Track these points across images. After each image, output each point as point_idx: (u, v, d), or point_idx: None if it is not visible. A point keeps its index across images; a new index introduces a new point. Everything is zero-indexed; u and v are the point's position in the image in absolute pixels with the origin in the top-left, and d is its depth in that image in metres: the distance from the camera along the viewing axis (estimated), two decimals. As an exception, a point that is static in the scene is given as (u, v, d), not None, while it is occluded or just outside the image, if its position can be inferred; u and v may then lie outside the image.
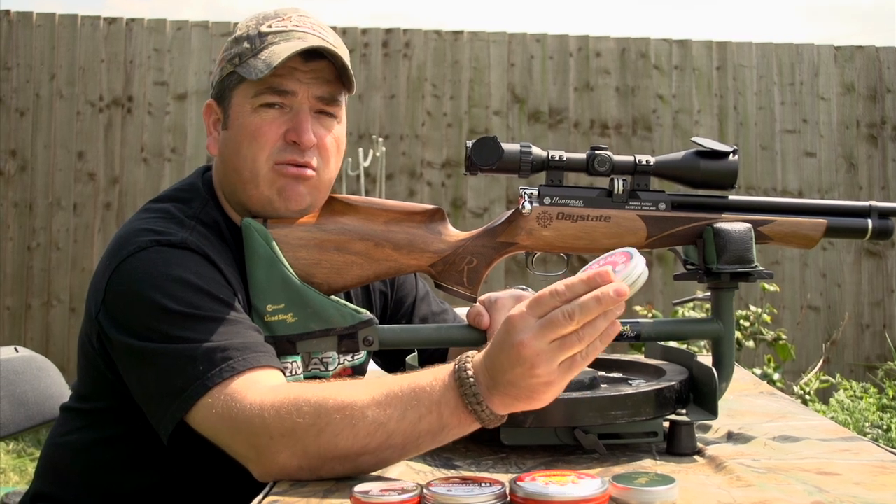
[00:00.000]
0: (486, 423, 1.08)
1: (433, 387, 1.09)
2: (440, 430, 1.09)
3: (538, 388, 1.04)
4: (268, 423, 1.13)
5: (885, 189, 5.59)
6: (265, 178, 1.38)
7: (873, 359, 5.38)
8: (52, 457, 1.50)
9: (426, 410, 1.08)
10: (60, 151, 5.34)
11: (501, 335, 1.06)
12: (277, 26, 1.39)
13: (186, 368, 1.20)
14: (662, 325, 1.42)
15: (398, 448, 1.10)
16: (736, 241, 1.35)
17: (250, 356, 1.21)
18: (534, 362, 1.02)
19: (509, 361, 1.04)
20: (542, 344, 1.02)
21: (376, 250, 1.38)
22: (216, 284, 1.30)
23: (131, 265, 1.29)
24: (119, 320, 1.29)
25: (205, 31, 5.45)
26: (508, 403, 1.07)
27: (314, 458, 1.11)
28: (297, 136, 1.37)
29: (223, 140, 1.43)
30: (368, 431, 1.09)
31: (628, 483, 0.96)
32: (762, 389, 1.72)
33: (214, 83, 1.44)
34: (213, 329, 1.23)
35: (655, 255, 5.38)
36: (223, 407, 1.17)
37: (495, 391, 1.06)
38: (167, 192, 1.47)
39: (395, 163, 5.38)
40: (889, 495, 1.02)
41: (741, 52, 5.64)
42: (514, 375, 1.04)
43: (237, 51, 1.39)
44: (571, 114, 5.53)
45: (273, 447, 1.13)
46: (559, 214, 1.38)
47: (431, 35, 5.53)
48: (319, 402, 1.12)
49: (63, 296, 5.24)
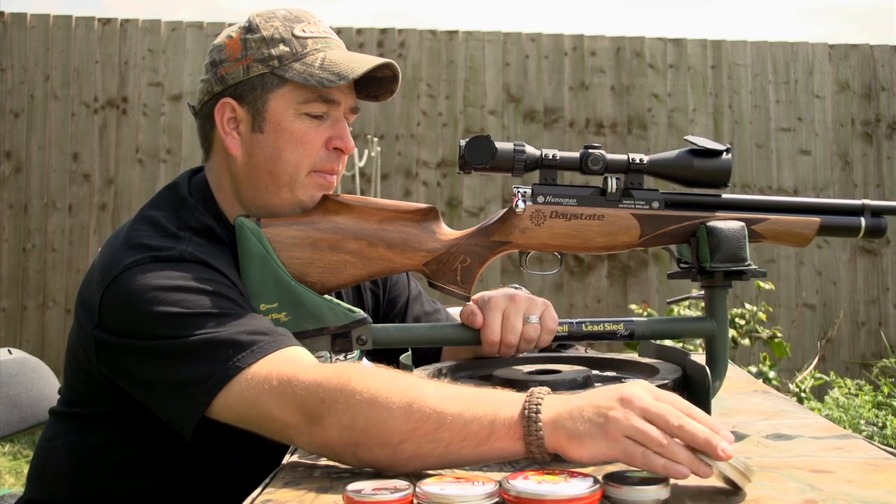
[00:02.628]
0: (531, 448, 1.04)
1: (499, 396, 1.09)
2: (487, 437, 1.05)
3: (593, 428, 1.01)
4: (324, 385, 1.11)
5: (880, 187, 5.60)
6: (303, 183, 1.39)
7: (868, 356, 5.39)
8: (44, 461, 1.48)
9: (482, 413, 1.06)
10: (55, 153, 5.34)
11: (615, 387, 1.05)
12: (310, 31, 1.40)
13: (212, 354, 1.17)
14: (656, 323, 1.42)
15: (442, 443, 1.06)
16: (729, 240, 1.35)
17: (279, 338, 1.20)
18: (615, 414, 1.00)
19: (600, 397, 1.03)
20: (640, 406, 1.00)
21: (370, 249, 1.38)
22: (223, 286, 1.27)
23: (127, 281, 1.25)
24: (120, 331, 1.25)
25: (199, 31, 5.44)
26: (561, 440, 1.03)
27: (359, 431, 1.08)
28: (344, 145, 1.41)
29: (254, 142, 1.39)
30: (423, 415, 1.07)
31: (620, 482, 0.96)
32: (756, 388, 1.73)
33: (230, 81, 1.39)
34: (230, 321, 1.21)
35: (651, 253, 5.38)
36: (264, 381, 1.14)
37: (557, 424, 1.03)
38: (153, 201, 1.44)
39: (390, 163, 5.38)
40: (881, 493, 1.02)
41: (736, 50, 5.65)
42: (588, 406, 1.02)
43: (274, 52, 1.37)
44: (567, 113, 5.53)
45: (322, 410, 1.10)
46: (553, 213, 1.38)
47: (426, 35, 5.53)
48: (385, 376, 1.11)
49: (59, 297, 5.23)
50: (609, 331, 1.38)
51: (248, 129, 1.40)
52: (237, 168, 1.42)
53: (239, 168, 1.42)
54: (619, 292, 5.42)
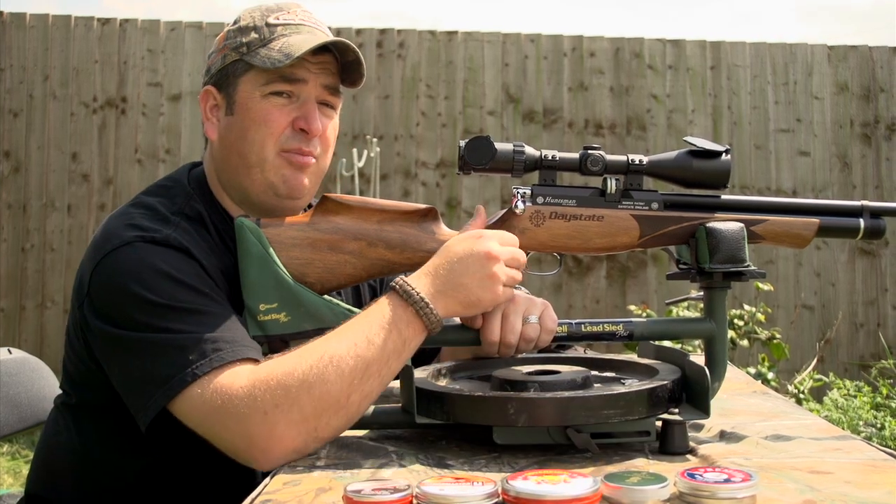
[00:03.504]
0: (433, 326, 1.24)
1: (381, 309, 1.24)
2: (403, 345, 1.23)
3: (485, 293, 1.25)
4: (259, 400, 1.17)
5: (879, 188, 5.60)
6: (271, 163, 1.44)
7: (867, 357, 5.39)
8: (46, 458, 1.51)
9: (386, 331, 1.22)
10: (54, 152, 5.33)
11: (468, 241, 1.28)
12: (284, 19, 1.45)
13: (175, 357, 1.22)
14: (655, 324, 1.42)
15: (376, 377, 1.21)
16: (728, 241, 1.35)
17: (239, 348, 1.24)
18: (495, 270, 1.25)
19: (472, 262, 1.25)
20: (503, 258, 1.27)
21: (369, 250, 1.38)
22: (199, 279, 1.32)
23: (116, 259, 1.32)
24: (102, 311, 1.31)
25: (199, 31, 5.44)
26: (450, 307, 1.25)
27: (311, 416, 1.16)
28: (307, 125, 1.43)
29: (226, 125, 1.47)
30: (350, 367, 1.19)
31: (620, 482, 0.96)
32: (755, 389, 1.73)
33: (213, 71, 1.48)
34: (199, 321, 1.26)
35: (650, 254, 5.39)
36: (212, 397, 1.19)
37: (440, 296, 1.24)
38: (152, 188, 1.50)
39: (389, 163, 5.39)
40: (880, 493, 1.02)
41: (735, 51, 5.65)
42: (469, 276, 1.25)
43: (244, 40, 1.44)
44: (566, 114, 5.53)
45: (268, 422, 1.16)
46: (552, 214, 1.38)
47: (426, 35, 5.54)
48: (299, 358, 1.19)
49: (57, 297, 5.23)
50: (608, 331, 1.37)
51: (224, 114, 1.47)
52: (215, 152, 1.50)
53: (216, 152, 1.49)
54: (618, 293, 5.42)
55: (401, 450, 1.25)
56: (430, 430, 1.34)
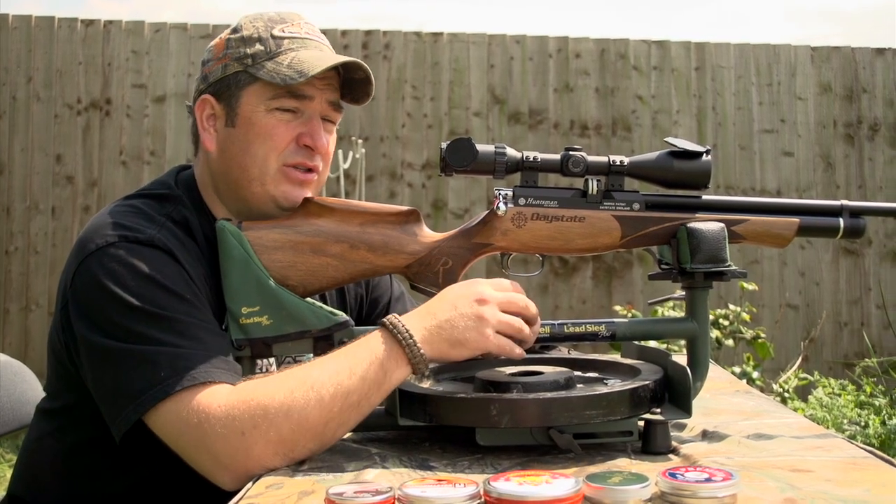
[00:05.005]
0: (417, 362, 1.23)
1: (367, 342, 1.24)
2: (385, 378, 1.22)
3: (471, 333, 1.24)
4: (237, 420, 1.16)
5: (862, 188, 5.64)
6: (273, 177, 1.41)
7: (851, 356, 5.42)
8: (28, 462, 1.50)
9: (369, 363, 1.22)
10: (38, 154, 5.31)
11: (461, 286, 1.30)
12: (290, 32, 1.43)
13: (147, 372, 1.21)
14: (637, 324, 1.42)
15: (355, 407, 1.21)
16: (709, 241, 1.35)
17: (212, 370, 1.23)
18: (483, 312, 1.25)
19: (461, 303, 1.26)
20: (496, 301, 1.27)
21: (351, 252, 1.38)
22: (181, 284, 1.31)
23: (98, 259, 1.31)
24: (83, 313, 1.30)
25: (183, 33, 5.42)
26: (436, 345, 1.24)
27: (288, 440, 1.17)
28: (312, 141, 1.42)
29: (226, 137, 1.44)
30: (331, 394, 1.19)
31: (602, 482, 0.96)
32: (738, 388, 1.73)
33: (211, 79, 1.44)
34: (176, 332, 1.25)
35: (636, 254, 5.40)
36: (188, 414, 1.19)
37: (427, 334, 1.24)
38: (141, 190, 1.48)
39: (375, 164, 5.38)
40: (859, 491, 1.02)
41: (719, 52, 5.68)
42: (457, 316, 1.25)
43: (248, 51, 1.41)
44: (551, 115, 5.54)
45: (246, 443, 1.16)
46: (534, 215, 1.38)
47: (411, 36, 5.53)
48: (280, 382, 1.19)
49: (42, 300, 5.20)
50: (591, 332, 1.38)
51: (223, 125, 1.44)
52: (213, 163, 1.47)
53: (214, 163, 1.46)
54: (604, 293, 5.44)
55: (384, 452, 1.25)
56: (413, 431, 1.35)
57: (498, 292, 1.28)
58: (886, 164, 5.68)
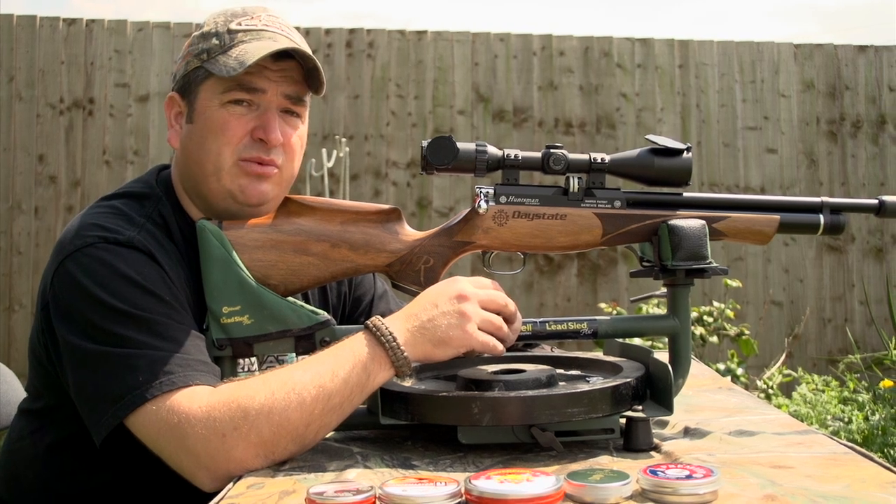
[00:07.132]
0: (400, 364, 1.23)
1: (350, 344, 1.24)
2: (367, 379, 1.22)
3: (454, 331, 1.24)
4: (218, 422, 1.16)
5: (845, 185, 5.67)
6: (228, 172, 1.40)
7: (835, 352, 5.45)
8: (8, 463, 1.50)
9: (352, 365, 1.21)
10: (20, 154, 5.27)
11: (441, 285, 1.29)
12: (247, 24, 1.42)
13: (126, 376, 1.21)
14: (619, 322, 1.42)
15: (337, 409, 1.21)
16: (690, 238, 1.36)
17: (191, 373, 1.23)
18: (465, 308, 1.25)
19: (443, 301, 1.26)
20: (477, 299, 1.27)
21: (333, 251, 1.37)
22: (160, 285, 1.31)
23: (77, 261, 1.30)
24: (62, 315, 1.30)
25: (166, 32, 5.40)
26: (420, 345, 1.24)
27: (269, 441, 1.16)
28: (265, 134, 1.40)
29: (187, 133, 1.44)
30: (313, 396, 1.18)
31: (583, 480, 0.97)
32: (720, 385, 1.74)
33: (178, 77, 1.46)
34: (155, 334, 1.24)
35: (621, 252, 5.41)
36: (168, 416, 1.18)
37: (410, 335, 1.24)
38: (121, 190, 1.48)
39: (359, 163, 5.37)
40: (840, 487, 1.03)
41: (703, 50, 5.69)
42: (439, 315, 1.25)
43: (205, 46, 1.41)
44: (536, 113, 5.54)
45: (226, 445, 1.15)
46: (515, 213, 1.38)
47: (395, 35, 5.52)
48: (262, 384, 1.19)
49: (25, 301, 5.17)
50: (572, 330, 1.38)
51: (185, 122, 1.45)
52: (178, 160, 1.48)
53: (178, 159, 1.48)
54: (589, 291, 5.45)
55: (366, 451, 1.25)
56: (395, 430, 1.35)
57: (478, 289, 1.29)
58: (869, 161, 5.72)
